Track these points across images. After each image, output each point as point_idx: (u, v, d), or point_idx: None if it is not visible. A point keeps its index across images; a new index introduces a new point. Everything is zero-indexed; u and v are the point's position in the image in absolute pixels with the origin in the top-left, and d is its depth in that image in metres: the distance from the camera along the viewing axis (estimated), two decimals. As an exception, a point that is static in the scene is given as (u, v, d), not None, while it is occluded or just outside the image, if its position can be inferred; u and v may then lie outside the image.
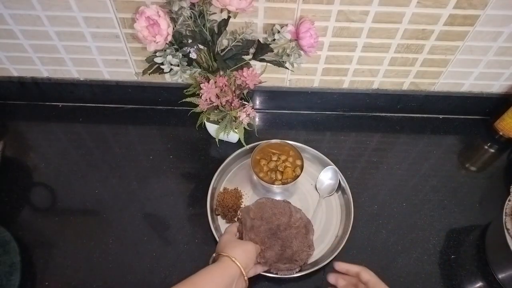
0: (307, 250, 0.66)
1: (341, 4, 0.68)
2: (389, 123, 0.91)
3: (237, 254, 0.56)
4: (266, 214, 0.68)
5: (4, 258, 0.64)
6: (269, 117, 0.91)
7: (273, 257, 0.64)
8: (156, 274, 0.66)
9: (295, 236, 0.66)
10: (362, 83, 0.85)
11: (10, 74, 0.84)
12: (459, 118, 0.92)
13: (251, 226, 0.66)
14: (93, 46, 0.77)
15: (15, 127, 0.86)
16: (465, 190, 0.79)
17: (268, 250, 0.64)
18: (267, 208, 0.69)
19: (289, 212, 0.69)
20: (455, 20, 0.71)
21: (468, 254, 0.70)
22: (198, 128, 0.82)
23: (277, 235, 0.66)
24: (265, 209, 0.69)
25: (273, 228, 0.67)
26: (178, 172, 0.79)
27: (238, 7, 0.59)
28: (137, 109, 0.90)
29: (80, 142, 0.83)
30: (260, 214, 0.68)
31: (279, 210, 0.69)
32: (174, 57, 0.66)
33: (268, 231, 0.66)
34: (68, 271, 0.65)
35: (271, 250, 0.64)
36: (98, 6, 0.68)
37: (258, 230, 0.66)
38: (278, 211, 0.69)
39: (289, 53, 0.70)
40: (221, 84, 0.70)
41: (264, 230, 0.66)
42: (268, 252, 0.64)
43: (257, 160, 0.74)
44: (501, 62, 0.80)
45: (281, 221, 0.68)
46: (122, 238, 0.70)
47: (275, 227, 0.67)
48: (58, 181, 0.77)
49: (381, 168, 0.82)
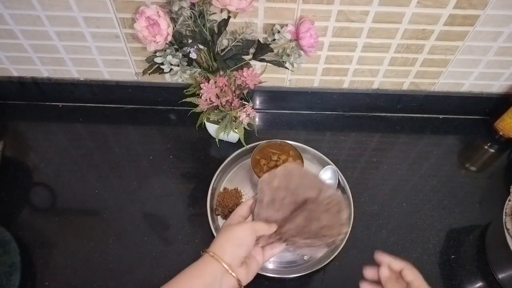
0: (339, 227, 0.54)
1: (341, 4, 0.68)
2: (389, 123, 0.91)
3: (218, 247, 0.48)
4: (292, 184, 0.54)
5: (4, 258, 0.64)
6: (269, 117, 0.91)
7: (291, 230, 0.52)
8: (156, 274, 0.66)
9: (324, 211, 0.54)
10: (362, 83, 0.85)
11: (10, 74, 0.84)
12: (459, 118, 0.92)
13: (271, 200, 0.53)
14: (93, 46, 0.76)
15: (15, 127, 0.86)
16: (465, 190, 0.79)
17: (287, 223, 0.52)
18: (295, 177, 0.55)
19: (318, 187, 0.55)
20: (455, 20, 0.71)
21: (468, 254, 0.70)
22: (198, 128, 0.82)
23: (301, 208, 0.53)
24: (292, 177, 0.55)
25: (298, 202, 0.54)
26: (178, 172, 0.79)
27: (238, 7, 0.59)
28: (137, 109, 0.90)
29: (80, 142, 0.83)
30: (286, 183, 0.54)
31: (308, 183, 0.55)
32: (174, 57, 0.66)
33: (292, 204, 0.53)
34: (68, 271, 0.65)
35: (291, 223, 0.52)
36: (98, 6, 0.68)
37: (281, 204, 0.53)
38: (306, 184, 0.55)
39: (289, 53, 0.70)
40: (221, 84, 0.70)
41: (288, 203, 0.53)
42: (286, 225, 0.52)
43: (257, 160, 0.74)
44: (501, 62, 0.80)
45: (308, 195, 0.54)
46: (122, 238, 0.70)
47: (301, 201, 0.54)
48: (58, 181, 0.77)
49: (381, 168, 0.82)
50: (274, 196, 0.53)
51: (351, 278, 0.67)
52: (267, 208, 0.52)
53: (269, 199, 0.53)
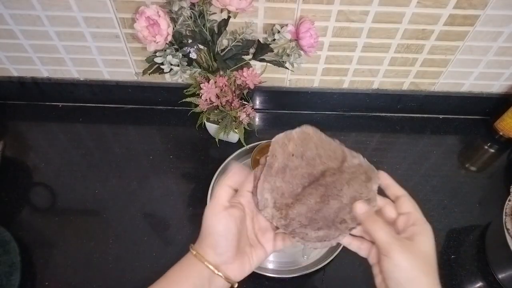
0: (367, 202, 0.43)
1: (341, 4, 0.68)
2: (389, 123, 0.91)
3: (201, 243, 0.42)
4: (310, 152, 0.45)
5: (4, 258, 0.64)
6: (269, 117, 0.91)
7: (302, 216, 0.42)
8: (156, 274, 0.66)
9: (347, 181, 0.44)
10: (362, 83, 0.85)
11: (10, 74, 0.84)
12: (459, 118, 0.92)
13: (282, 167, 0.43)
14: (93, 46, 0.76)
15: (15, 127, 0.86)
16: (465, 190, 0.79)
17: (297, 203, 0.42)
18: (312, 144, 0.46)
19: (341, 156, 0.46)
20: (455, 20, 0.71)
21: (468, 254, 0.70)
22: (198, 128, 0.82)
23: (318, 183, 0.43)
24: (309, 144, 0.45)
25: (314, 174, 0.44)
26: (178, 172, 0.79)
27: (238, 7, 0.59)
28: (137, 109, 0.90)
29: (80, 142, 0.83)
30: (303, 149, 0.45)
31: (328, 152, 0.46)
32: (174, 57, 0.66)
33: (306, 177, 0.44)
34: (68, 271, 0.65)
35: (302, 204, 0.42)
36: (98, 6, 0.68)
37: (292, 175, 0.43)
38: (326, 153, 0.46)
39: (289, 53, 0.70)
40: (221, 84, 0.70)
41: (302, 176, 0.44)
42: (296, 206, 0.42)
43: (257, 160, 0.74)
44: (501, 62, 0.80)
45: (328, 167, 0.45)
46: (122, 238, 0.70)
47: (318, 174, 0.44)
48: (58, 181, 0.77)
49: (381, 168, 0.81)
50: (286, 163, 0.43)
51: (351, 278, 0.67)
52: (276, 177, 0.42)
53: (280, 165, 0.43)
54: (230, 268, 0.41)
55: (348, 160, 0.45)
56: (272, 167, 0.43)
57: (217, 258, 0.41)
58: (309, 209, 0.42)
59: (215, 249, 0.41)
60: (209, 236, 0.41)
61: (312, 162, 0.44)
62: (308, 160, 0.44)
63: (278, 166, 0.43)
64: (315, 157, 0.45)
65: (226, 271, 0.41)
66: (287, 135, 0.45)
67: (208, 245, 0.41)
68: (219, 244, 0.41)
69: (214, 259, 0.40)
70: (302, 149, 0.44)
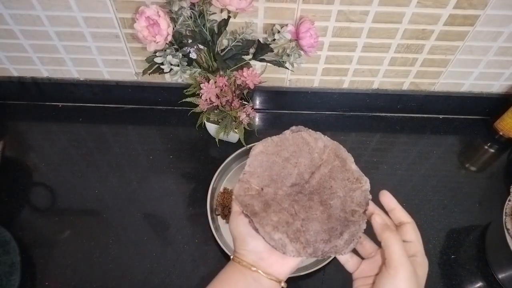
0: (359, 185, 0.43)
1: (341, 4, 0.68)
2: (389, 123, 0.91)
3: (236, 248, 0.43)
4: (275, 168, 0.43)
5: (4, 258, 0.64)
6: (269, 117, 0.91)
7: (319, 233, 0.40)
8: (156, 274, 0.66)
9: (330, 176, 0.43)
10: (362, 83, 0.85)
11: (10, 74, 0.84)
12: (459, 118, 0.92)
13: (263, 204, 0.41)
14: (93, 46, 0.76)
15: (15, 127, 0.86)
16: (465, 190, 0.79)
17: (307, 223, 0.40)
18: (272, 157, 0.44)
19: (304, 144, 0.44)
20: (455, 20, 0.71)
21: (468, 254, 0.70)
22: (198, 128, 0.82)
23: (307, 190, 0.42)
24: (268, 162, 0.43)
25: (296, 184, 0.42)
26: (178, 172, 0.79)
27: (238, 7, 0.59)
28: (137, 109, 0.90)
29: (80, 142, 0.83)
30: (268, 172, 0.43)
31: (290, 149, 0.44)
32: (174, 57, 0.66)
33: (290, 193, 0.42)
34: (68, 271, 0.65)
35: (312, 221, 0.40)
36: (98, 6, 0.68)
37: (277, 202, 0.41)
38: (290, 152, 0.44)
39: (289, 53, 0.70)
40: (221, 84, 0.70)
41: (285, 195, 0.42)
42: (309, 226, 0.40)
43: (257, 160, 0.74)
44: (501, 62, 0.80)
45: (301, 164, 0.43)
46: (122, 238, 0.70)
47: (298, 180, 0.43)
48: (58, 181, 0.77)
49: (381, 168, 0.82)
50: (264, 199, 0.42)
51: (351, 278, 0.67)
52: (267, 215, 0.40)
53: (261, 205, 0.41)
54: (268, 263, 0.41)
55: (313, 147, 0.44)
56: (256, 213, 0.40)
57: (252, 256, 0.41)
58: (320, 221, 0.41)
59: (246, 248, 0.41)
60: (237, 238, 0.43)
61: (284, 173, 0.43)
62: (280, 176, 0.43)
63: (260, 207, 0.41)
64: (284, 165, 0.43)
65: (265, 268, 0.40)
66: (242, 180, 0.43)
67: (239, 247, 0.42)
68: (247, 241, 0.41)
69: (250, 258, 0.41)
70: (268, 173, 0.43)
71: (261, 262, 0.40)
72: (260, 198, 0.41)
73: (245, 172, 0.43)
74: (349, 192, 0.43)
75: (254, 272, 0.40)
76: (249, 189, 0.42)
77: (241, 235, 0.42)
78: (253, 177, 0.43)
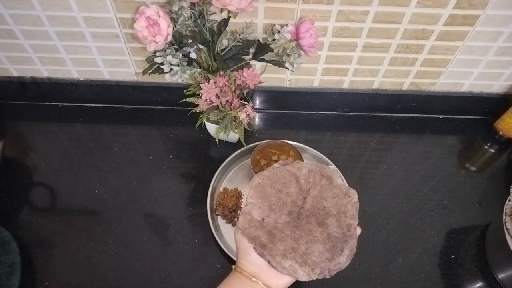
0: (348, 199, 0.47)
1: (341, 4, 0.68)
2: (389, 123, 0.91)
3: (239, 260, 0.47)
4: (272, 199, 0.48)
5: (4, 258, 0.64)
6: (269, 117, 0.91)
7: (324, 253, 0.44)
8: (156, 274, 0.66)
9: (321, 196, 0.47)
10: (362, 83, 0.85)
11: (10, 74, 0.84)
12: (459, 118, 0.92)
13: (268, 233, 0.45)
14: (93, 46, 0.76)
15: (15, 127, 0.86)
16: (465, 190, 0.79)
17: (310, 246, 0.44)
18: (268, 189, 0.48)
19: (291, 176, 0.49)
20: (455, 20, 0.71)
21: (468, 254, 0.70)
22: (198, 128, 0.82)
23: (303, 215, 0.47)
24: (266, 192, 0.48)
25: (293, 211, 0.47)
26: (178, 172, 0.79)
27: (238, 7, 0.59)
28: (137, 109, 0.90)
29: (80, 142, 0.83)
30: (267, 204, 0.47)
31: (280, 181, 0.49)
32: (174, 57, 0.66)
33: (289, 221, 0.46)
34: (68, 271, 0.65)
35: (315, 243, 0.44)
36: (98, 6, 0.68)
37: (279, 230, 0.45)
38: (281, 184, 0.49)
39: (289, 53, 0.70)
40: (221, 84, 0.70)
41: (285, 223, 0.46)
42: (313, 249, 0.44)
43: (257, 160, 0.74)
44: (501, 62, 0.80)
45: (292, 193, 0.48)
46: (122, 238, 0.70)
47: (293, 207, 0.47)
48: (58, 181, 0.77)
49: (381, 168, 0.82)
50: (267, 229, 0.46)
51: (351, 278, 0.67)
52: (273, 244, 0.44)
53: (266, 236, 0.45)
54: (267, 276, 0.45)
55: (298, 175, 0.49)
56: (264, 245, 0.45)
57: (253, 268, 0.45)
58: (321, 242, 0.44)
59: (248, 259, 0.45)
60: (241, 249, 0.46)
61: (280, 203, 0.47)
62: (277, 206, 0.47)
63: (266, 238, 0.45)
64: (278, 197, 0.48)
65: (264, 280, 0.44)
66: (244, 212, 0.47)
67: (242, 257, 0.46)
68: (250, 253, 0.45)
69: (250, 269, 0.45)
70: (267, 204, 0.47)
71: (261, 274, 0.44)
72: (264, 229, 0.46)
73: (247, 204, 0.48)
74: (341, 207, 0.47)
75: (255, 282, 0.44)
76: (252, 221, 0.46)
77: (245, 246, 0.46)
78: (254, 208, 0.47)
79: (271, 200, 0.47)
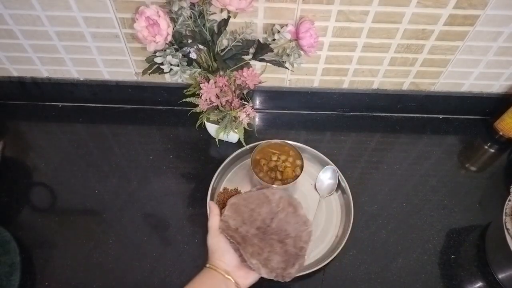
0: (305, 227, 0.59)
1: (341, 4, 0.68)
2: (389, 123, 0.91)
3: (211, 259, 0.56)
4: (245, 215, 0.59)
5: (4, 258, 0.64)
6: (269, 117, 0.91)
7: (280, 263, 0.55)
8: (156, 274, 0.66)
9: (285, 220, 0.59)
10: (362, 83, 0.85)
11: (10, 74, 0.84)
12: (459, 118, 0.92)
13: (241, 240, 0.56)
14: (93, 46, 0.77)
15: (15, 127, 0.86)
16: (465, 190, 0.79)
17: (271, 255, 0.56)
18: (242, 207, 0.60)
19: (265, 198, 0.61)
20: (455, 20, 0.71)
21: (468, 254, 0.70)
22: (198, 128, 0.82)
23: (269, 232, 0.58)
24: (240, 209, 0.60)
25: (261, 227, 0.58)
26: (178, 172, 0.79)
27: (238, 7, 0.59)
28: (137, 109, 0.90)
29: (80, 142, 0.83)
30: (240, 218, 0.59)
31: (255, 202, 0.61)
32: (174, 57, 0.66)
33: (257, 234, 0.58)
34: (68, 271, 0.65)
35: (275, 254, 0.56)
36: (98, 6, 0.68)
37: (249, 238, 0.57)
38: (255, 204, 0.61)
39: (289, 53, 0.70)
40: (221, 84, 0.70)
41: (254, 235, 0.57)
42: (272, 258, 0.55)
43: (257, 160, 0.74)
44: (501, 62, 0.80)
45: (263, 213, 0.60)
46: (122, 238, 0.70)
47: (262, 224, 0.59)
48: (58, 181, 0.77)
49: (381, 168, 0.82)
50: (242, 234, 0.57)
51: (351, 278, 0.67)
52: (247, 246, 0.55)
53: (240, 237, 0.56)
54: (238, 275, 0.54)
55: (271, 199, 0.62)
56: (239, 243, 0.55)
57: (226, 267, 0.54)
58: (280, 254, 0.56)
59: (223, 260, 0.55)
60: (216, 252, 0.56)
61: (251, 219, 0.59)
62: (249, 221, 0.59)
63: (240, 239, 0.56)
64: (251, 214, 0.59)
65: (235, 278, 0.54)
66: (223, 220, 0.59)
67: (217, 258, 0.56)
68: (225, 256, 0.56)
69: (224, 268, 0.54)
70: (240, 217, 0.59)
71: (231, 273, 0.54)
72: (238, 234, 0.57)
73: (224, 215, 0.60)
74: (299, 233, 0.58)
75: (227, 279, 0.53)
76: (229, 227, 0.58)
77: (220, 249, 0.56)
78: (230, 219, 0.59)
79: (244, 216, 0.59)
